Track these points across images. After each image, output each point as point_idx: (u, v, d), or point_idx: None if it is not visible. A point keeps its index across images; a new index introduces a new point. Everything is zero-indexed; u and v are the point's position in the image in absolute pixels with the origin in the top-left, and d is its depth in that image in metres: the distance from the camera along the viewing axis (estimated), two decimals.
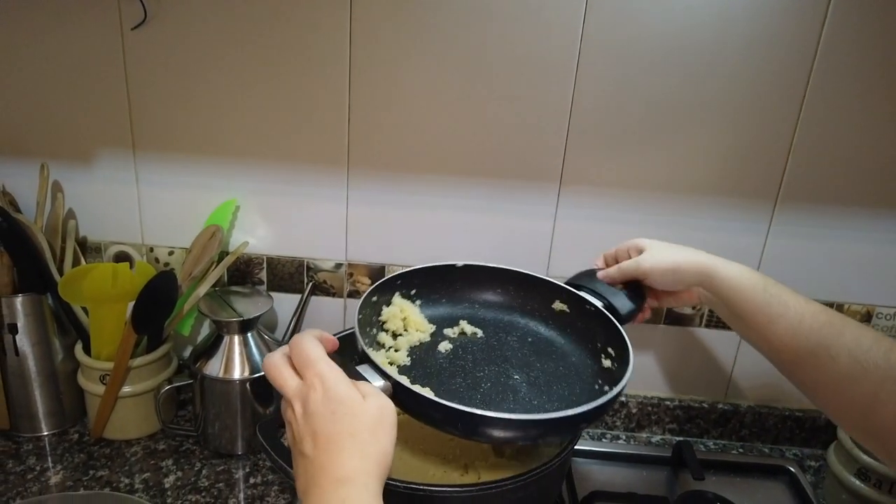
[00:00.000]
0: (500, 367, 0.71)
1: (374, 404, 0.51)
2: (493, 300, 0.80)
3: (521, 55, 0.85)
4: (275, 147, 0.92)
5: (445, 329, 0.75)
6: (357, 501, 0.46)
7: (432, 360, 0.71)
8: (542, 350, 0.74)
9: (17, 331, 0.88)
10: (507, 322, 0.78)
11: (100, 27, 0.87)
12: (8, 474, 0.86)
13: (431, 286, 0.78)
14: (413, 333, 0.73)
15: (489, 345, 0.74)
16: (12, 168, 0.94)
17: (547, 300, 0.78)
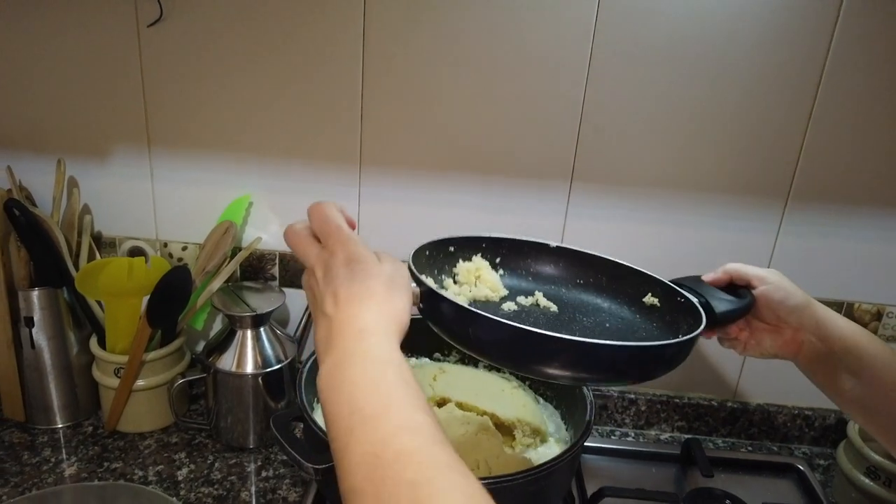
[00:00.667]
0: (563, 325, 0.68)
1: (389, 266, 0.53)
2: (579, 285, 0.74)
3: (533, 54, 0.86)
4: (288, 144, 0.93)
5: (519, 297, 0.71)
6: (379, 348, 0.47)
7: (494, 310, 0.68)
8: (615, 336, 0.68)
9: (33, 324, 0.89)
10: (588, 304, 0.72)
11: (116, 25, 0.88)
12: (24, 465, 0.87)
13: (517, 259, 0.74)
14: (481, 289, 0.70)
15: (559, 319, 0.69)
16: (29, 164, 0.95)
17: (638, 292, 0.71)
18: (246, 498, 0.85)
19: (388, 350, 0.48)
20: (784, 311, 0.69)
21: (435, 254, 0.70)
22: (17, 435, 0.93)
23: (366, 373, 0.46)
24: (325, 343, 0.49)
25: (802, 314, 0.68)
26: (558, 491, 0.77)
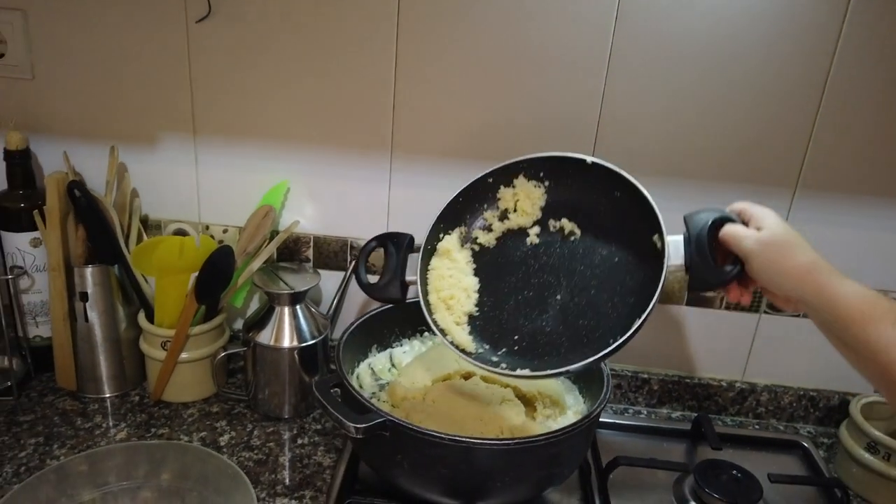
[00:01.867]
0: (556, 280, 0.75)
1: None
2: (609, 207, 0.76)
3: (556, 47, 0.91)
4: (324, 132, 0.99)
5: (551, 219, 0.77)
6: None
7: (512, 250, 0.79)
8: (613, 276, 0.74)
9: (87, 299, 0.96)
10: (609, 232, 0.76)
11: (167, 21, 0.95)
12: (77, 430, 0.94)
13: (560, 176, 0.78)
14: (516, 218, 0.78)
15: (573, 252, 0.76)
16: (82, 150, 1.02)
17: (649, 231, 0.72)
18: (283, 462, 0.91)
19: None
20: (773, 287, 0.68)
21: (472, 194, 0.79)
22: (70, 403, 1.00)
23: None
24: None
25: (791, 292, 0.66)
26: (575, 456, 0.83)
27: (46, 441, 0.91)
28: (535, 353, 0.74)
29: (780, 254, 0.66)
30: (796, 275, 0.65)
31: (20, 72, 0.98)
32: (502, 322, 0.77)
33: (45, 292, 0.99)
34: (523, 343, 0.75)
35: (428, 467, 0.76)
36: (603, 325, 0.72)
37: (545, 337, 0.75)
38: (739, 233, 0.68)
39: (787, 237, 0.66)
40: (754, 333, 1.05)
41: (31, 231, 0.97)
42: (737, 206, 0.72)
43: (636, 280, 0.72)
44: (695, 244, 0.70)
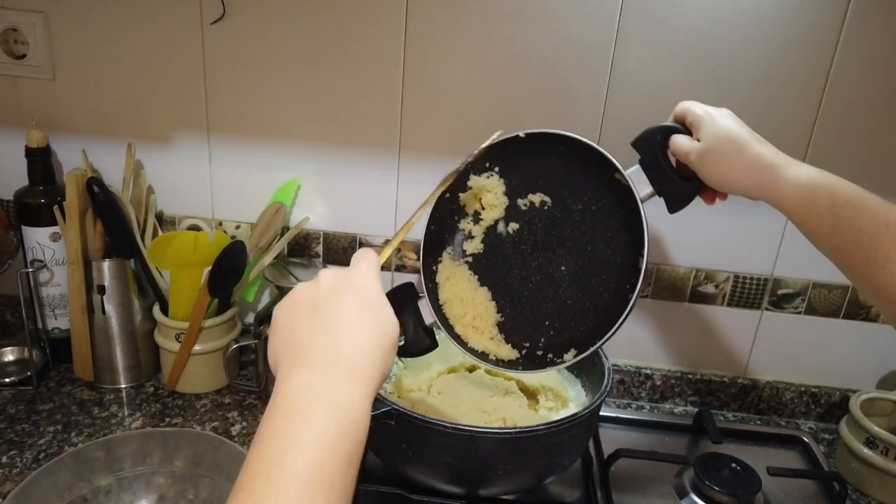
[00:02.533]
0: (553, 253, 0.77)
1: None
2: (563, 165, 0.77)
3: (560, 46, 0.94)
4: (334, 131, 1.02)
5: (519, 199, 0.79)
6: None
7: (500, 245, 0.79)
8: (598, 227, 0.75)
9: (104, 291, 0.99)
10: (576, 185, 0.77)
11: (182, 22, 0.98)
12: (94, 418, 0.97)
13: (506, 159, 0.79)
14: (488, 213, 0.79)
15: (553, 219, 0.77)
16: (100, 147, 1.05)
17: (609, 171, 0.73)
18: None
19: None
20: (724, 191, 0.70)
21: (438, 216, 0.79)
22: (87, 392, 1.03)
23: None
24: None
25: (743, 193, 0.67)
26: (576, 447, 0.85)
27: (65, 429, 0.94)
28: (570, 328, 0.75)
29: (718, 163, 0.67)
30: (743, 177, 0.66)
31: (41, 72, 1.02)
32: (528, 315, 0.78)
33: (63, 285, 1.03)
34: (556, 324, 0.76)
35: (432, 455, 0.78)
36: (614, 274, 0.74)
37: (571, 309, 0.76)
38: (682, 148, 0.70)
39: (722, 143, 0.67)
40: (756, 330, 1.07)
41: (51, 226, 1.00)
42: (677, 110, 0.73)
43: (620, 219, 0.74)
44: (654, 169, 0.72)
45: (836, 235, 0.60)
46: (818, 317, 1.05)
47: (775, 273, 1.03)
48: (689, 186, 0.72)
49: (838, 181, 0.62)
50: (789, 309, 1.05)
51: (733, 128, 0.68)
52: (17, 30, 1.00)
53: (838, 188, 0.61)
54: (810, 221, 0.62)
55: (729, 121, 0.69)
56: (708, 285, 1.05)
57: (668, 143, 0.72)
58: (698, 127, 0.70)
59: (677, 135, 0.72)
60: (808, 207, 0.62)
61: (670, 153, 0.73)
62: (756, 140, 0.67)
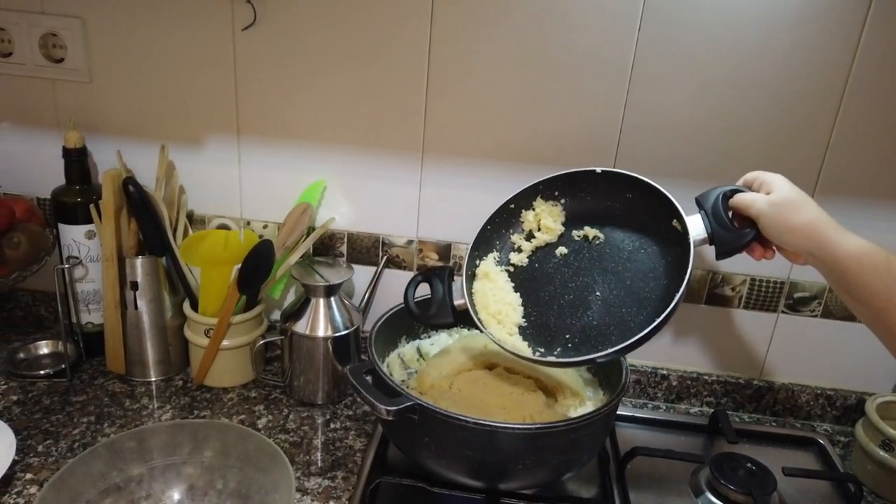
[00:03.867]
0: (592, 280, 0.82)
1: None
2: (625, 210, 0.83)
3: (581, 54, 0.96)
4: (359, 134, 1.04)
5: (574, 230, 0.85)
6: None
7: (544, 263, 0.85)
8: (643, 266, 0.81)
9: (137, 288, 1.02)
10: (630, 228, 0.83)
11: (215, 28, 1.01)
12: (126, 410, 1.01)
13: (575, 191, 0.85)
14: (542, 236, 0.85)
15: (601, 253, 0.83)
16: (134, 148, 1.08)
17: (667, 217, 0.79)
18: (317, 445, 0.97)
19: None
20: (781, 243, 0.74)
21: (498, 220, 0.86)
22: (119, 385, 1.06)
23: None
24: None
25: (798, 247, 0.72)
26: (594, 443, 0.87)
27: (97, 420, 0.98)
28: (589, 346, 0.80)
29: (787, 212, 0.72)
30: (802, 231, 0.71)
31: (79, 75, 1.06)
32: (551, 326, 0.84)
33: (97, 281, 1.06)
34: (575, 339, 0.82)
35: (453, 449, 0.80)
36: (645, 309, 0.79)
37: (594, 330, 0.81)
38: (749, 198, 0.76)
39: (794, 197, 0.73)
40: (772, 332, 1.08)
41: (86, 224, 1.04)
42: (748, 177, 0.80)
43: (665, 264, 0.80)
44: (712, 216, 0.77)
45: (888, 293, 0.66)
46: (834, 320, 1.06)
47: (792, 276, 1.04)
48: (743, 235, 0.77)
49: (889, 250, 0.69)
50: (805, 312, 1.06)
51: (799, 191, 0.74)
52: (55, 34, 1.04)
53: (894, 254, 0.68)
54: (864, 279, 0.68)
55: (794, 185, 0.75)
56: (725, 288, 1.06)
57: (731, 198, 0.78)
58: (770, 183, 0.75)
59: (744, 192, 0.78)
60: (866, 265, 0.67)
61: (732, 205, 0.78)
62: (817, 206, 0.73)
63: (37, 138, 1.11)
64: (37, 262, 1.04)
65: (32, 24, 1.03)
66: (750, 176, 0.79)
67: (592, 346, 0.80)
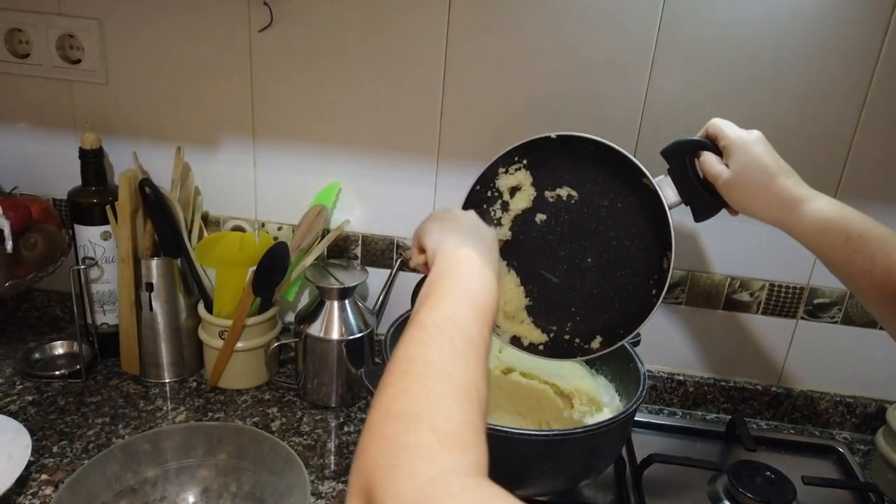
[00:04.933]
0: (579, 245, 0.82)
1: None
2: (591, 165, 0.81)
3: (599, 57, 0.95)
4: (375, 137, 1.04)
5: (547, 192, 0.83)
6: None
7: (528, 233, 0.84)
8: (624, 223, 0.80)
9: (152, 289, 1.02)
10: (603, 183, 0.81)
11: (231, 30, 1.01)
12: (140, 411, 1.01)
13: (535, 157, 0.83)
14: (517, 202, 0.83)
15: (579, 213, 0.82)
16: (150, 150, 1.08)
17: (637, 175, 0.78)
18: (331, 448, 0.97)
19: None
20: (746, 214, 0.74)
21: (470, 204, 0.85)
22: (133, 386, 1.06)
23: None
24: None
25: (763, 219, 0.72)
26: (611, 450, 0.86)
27: (112, 421, 0.98)
28: (595, 315, 0.81)
29: (744, 191, 0.72)
30: (762, 209, 0.72)
31: (96, 77, 1.06)
32: (555, 300, 0.83)
33: (112, 282, 1.07)
34: (581, 311, 0.82)
35: None
36: (638, 269, 0.80)
37: (595, 299, 0.81)
38: (712, 169, 0.75)
39: (750, 173, 0.71)
40: (791, 339, 1.07)
41: (102, 225, 1.04)
42: (710, 129, 0.77)
43: (645, 217, 0.79)
44: (682, 181, 0.77)
45: (849, 265, 0.66)
46: (855, 327, 1.04)
47: (811, 282, 1.03)
48: (716, 200, 0.76)
49: (853, 215, 0.67)
50: (825, 318, 1.05)
51: (762, 158, 0.72)
52: (73, 36, 1.04)
53: (852, 223, 0.66)
54: (824, 253, 0.68)
55: (759, 148, 0.72)
56: (743, 293, 1.05)
57: (698, 157, 0.77)
58: (730, 153, 0.73)
59: (707, 153, 0.76)
60: (823, 240, 0.68)
61: (699, 168, 0.77)
62: (782, 171, 0.71)
63: (53, 139, 1.11)
64: (53, 262, 1.04)
65: (50, 25, 1.03)
66: (712, 129, 0.76)
67: (598, 315, 0.81)
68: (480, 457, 0.44)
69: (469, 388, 0.48)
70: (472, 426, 0.46)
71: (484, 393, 0.50)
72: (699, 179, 0.77)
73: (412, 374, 0.48)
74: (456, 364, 0.49)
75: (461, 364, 0.50)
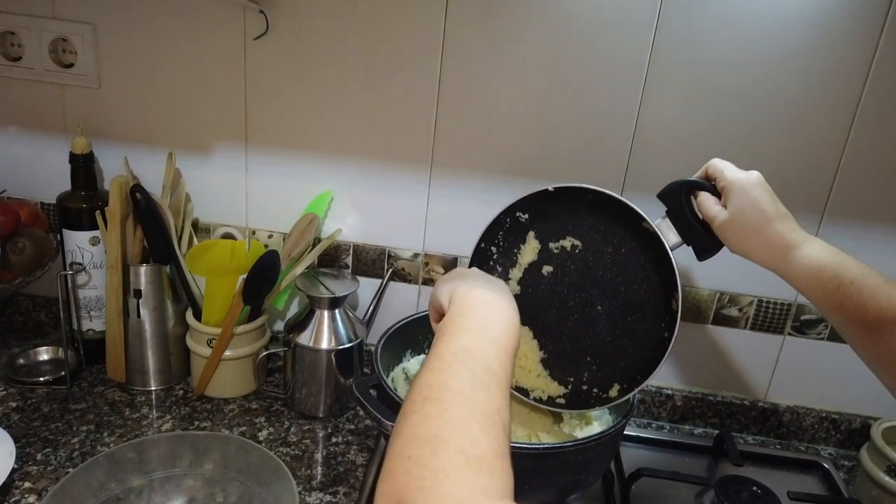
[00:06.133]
0: (587, 294, 0.82)
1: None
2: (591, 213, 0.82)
3: (592, 71, 0.96)
4: (368, 146, 1.04)
5: (551, 243, 0.84)
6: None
7: (537, 286, 0.84)
8: (629, 268, 0.81)
9: (140, 296, 1.01)
10: (605, 230, 0.82)
11: (226, 37, 1.01)
12: (126, 419, 1.00)
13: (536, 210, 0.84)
14: (523, 257, 0.84)
15: (585, 262, 0.83)
16: (141, 154, 1.08)
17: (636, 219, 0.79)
18: (318, 459, 0.96)
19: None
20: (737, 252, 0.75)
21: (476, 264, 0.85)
22: (119, 394, 1.05)
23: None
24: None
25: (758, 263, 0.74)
26: (601, 464, 0.86)
27: (97, 429, 0.97)
28: (611, 363, 0.82)
29: (739, 235, 0.73)
30: (756, 253, 0.73)
31: (88, 81, 1.05)
32: (569, 351, 0.84)
33: (100, 288, 1.06)
34: (597, 360, 0.82)
35: None
36: (647, 312, 0.80)
37: (610, 346, 0.82)
38: (709, 211, 0.75)
39: (746, 218, 0.72)
40: (778, 354, 1.08)
41: (91, 230, 1.03)
42: (709, 170, 0.77)
43: (649, 260, 0.80)
44: (681, 222, 0.78)
45: (842, 311, 0.67)
46: (841, 343, 1.05)
47: (799, 299, 1.04)
48: (717, 239, 0.77)
49: (847, 262, 0.69)
50: (812, 335, 1.06)
51: (759, 203, 0.72)
52: (66, 39, 1.04)
53: (845, 269, 0.68)
54: (816, 298, 0.70)
55: (756, 192, 0.73)
56: (731, 308, 1.06)
57: (695, 196, 0.78)
58: (728, 195, 0.74)
59: (705, 194, 0.77)
60: (815, 285, 0.69)
61: (697, 208, 0.78)
62: (778, 216, 0.72)
63: (44, 143, 1.10)
64: (41, 267, 1.03)
65: (43, 29, 1.02)
66: (711, 170, 0.77)
67: (615, 362, 0.81)
68: (507, 481, 0.45)
69: (492, 413, 0.49)
70: (498, 451, 0.46)
71: (507, 419, 0.50)
72: (698, 220, 0.78)
73: (433, 400, 0.49)
74: (476, 390, 0.50)
75: (481, 391, 0.50)
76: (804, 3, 0.89)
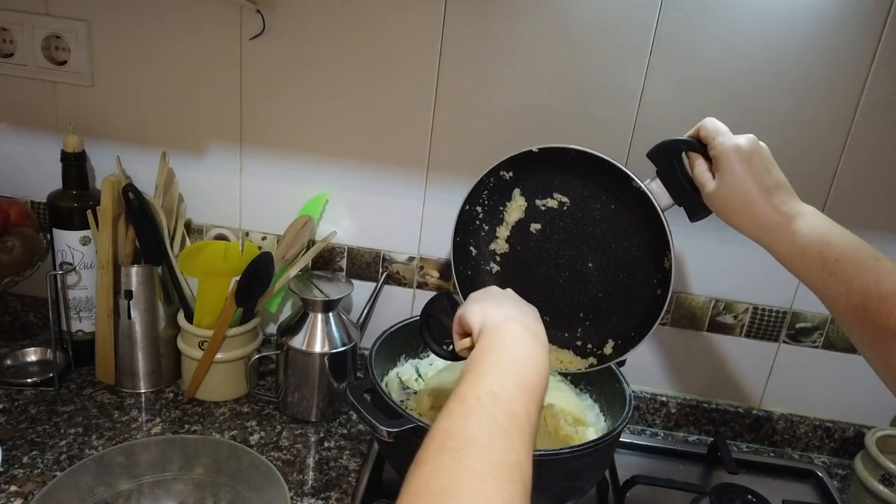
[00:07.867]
0: (578, 251, 0.82)
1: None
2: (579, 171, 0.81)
3: (590, 78, 0.95)
4: (364, 148, 1.03)
5: (538, 201, 0.83)
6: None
7: (526, 243, 0.84)
8: (619, 224, 0.80)
9: (131, 297, 1.00)
10: (594, 187, 0.80)
11: (222, 36, 1.00)
12: (115, 422, 0.98)
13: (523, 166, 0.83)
14: (510, 214, 0.84)
15: (574, 218, 0.82)
16: (134, 154, 1.07)
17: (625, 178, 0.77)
18: (310, 463, 0.95)
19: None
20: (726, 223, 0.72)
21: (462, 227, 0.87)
22: (108, 396, 1.04)
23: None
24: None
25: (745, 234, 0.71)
26: (596, 471, 0.85)
27: (85, 432, 0.95)
28: (604, 319, 0.82)
29: (727, 207, 0.70)
30: (743, 226, 0.70)
31: (81, 79, 1.04)
32: (562, 308, 0.84)
33: (90, 289, 1.04)
34: (590, 315, 0.83)
35: None
36: (639, 269, 0.80)
37: (602, 302, 0.82)
38: (699, 178, 0.72)
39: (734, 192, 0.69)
40: (773, 362, 1.08)
41: (82, 230, 1.02)
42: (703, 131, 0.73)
43: (639, 217, 0.79)
44: (672, 184, 0.75)
45: (826, 289, 0.66)
46: (835, 352, 1.05)
47: (794, 307, 1.04)
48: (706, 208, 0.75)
49: (836, 237, 0.66)
50: (807, 343, 1.06)
51: (747, 180, 0.69)
52: (59, 37, 1.02)
53: (831, 246, 0.65)
54: (801, 275, 0.68)
55: (744, 168, 0.69)
56: (727, 315, 1.05)
57: (688, 157, 0.75)
58: (717, 166, 0.71)
59: (699, 158, 0.73)
60: (800, 262, 0.67)
61: (689, 168, 0.75)
62: (768, 190, 0.69)
63: (35, 141, 1.08)
64: (30, 267, 1.02)
65: (36, 25, 1.01)
66: (704, 132, 0.72)
67: (608, 318, 0.82)
68: None
69: (510, 466, 0.46)
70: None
71: (528, 473, 0.47)
72: (689, 181, 0.74)
73: (449, 449, 0.46)
74: (496, 441, 0.47)
75: (502, 441, 0.48)
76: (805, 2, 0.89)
